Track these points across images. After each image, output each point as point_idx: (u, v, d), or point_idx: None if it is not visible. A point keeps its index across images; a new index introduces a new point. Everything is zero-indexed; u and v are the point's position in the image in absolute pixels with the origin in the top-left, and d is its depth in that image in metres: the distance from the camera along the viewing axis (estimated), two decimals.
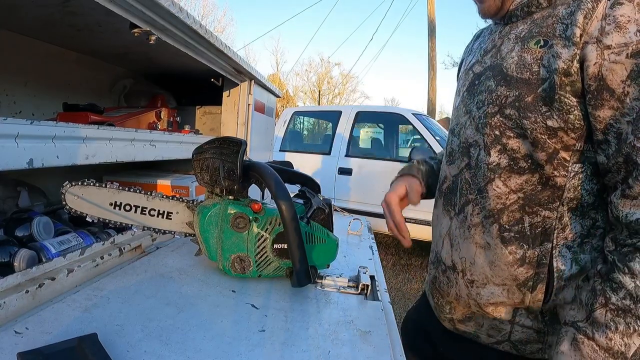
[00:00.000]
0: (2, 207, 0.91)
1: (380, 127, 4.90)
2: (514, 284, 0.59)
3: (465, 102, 0.66)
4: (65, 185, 0.60)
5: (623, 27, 0.48)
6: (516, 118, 0.56)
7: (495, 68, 0.61)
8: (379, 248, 3.08)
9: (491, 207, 0.60)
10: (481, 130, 0.61)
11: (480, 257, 0.62)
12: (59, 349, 0.40)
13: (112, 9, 0.72)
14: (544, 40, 0.54)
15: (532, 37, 0.57)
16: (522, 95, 0.55)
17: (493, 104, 0.59)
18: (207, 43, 1.02)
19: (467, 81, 0.67)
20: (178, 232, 0.68)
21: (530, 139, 0.55)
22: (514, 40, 0.60)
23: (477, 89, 0.63)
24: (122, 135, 0.85)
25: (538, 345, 0.60)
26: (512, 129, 0.57)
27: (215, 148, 0.65)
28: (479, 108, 0.62)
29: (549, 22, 0.55)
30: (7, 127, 0.57)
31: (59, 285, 0.56)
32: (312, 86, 23.29)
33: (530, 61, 0.55)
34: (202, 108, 1.58)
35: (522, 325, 0.60)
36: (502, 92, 0.58)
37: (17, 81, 1.04)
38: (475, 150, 0.62)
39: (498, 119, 0.58)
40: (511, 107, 0.56)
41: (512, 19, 0.63)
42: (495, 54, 0.62)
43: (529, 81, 0.55)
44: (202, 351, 0.44)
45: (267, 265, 0.63)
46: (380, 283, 0.71)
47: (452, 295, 0.68)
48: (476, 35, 0.78)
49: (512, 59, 0.58)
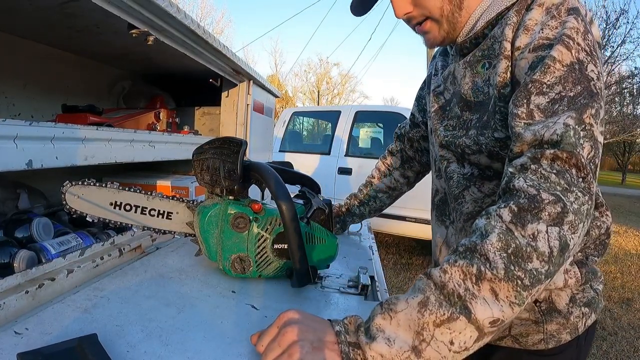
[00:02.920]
0: (2, 209, 0.91)
1: (379, 126, 4.90)
2: None
3: (433, 122, 0.70)
4: (65, 185, 0.60)
5: (530, 29, 0.52)
6: (474, 136, 0.59)
7: (456, 95, 0.65)
8: (379, 248, 3.08)
9: (469, 211, 0.64)
10: (447, 147, 0.66)
11: None
12: (59, 349, 0.40)
13: (111, 10, 0.72)
14: (488, 62, 0.57)
15: (477, 61, 0.60)
16: (481, 117, 0.59)
17: (462, 127, 0.63)
18: (206, 43, 1.02)
19: (435, 104, 0.71)
20: (178, 232, 0.68)
21: (486, 152, 0.58)
22: (463, 65, 0.63)
23: (448, 114, 0.67)
24: (121, 136, 0.85)
25: (539, 335, 0.61)
26: (469, 146, 0.60)
27: (216, 148, 0.65)
28: (447, 130, 0.66)
29: (488, 44, 0.58)
30: (6, 129, 0.57)
31: (59, 285, 0.56)
32: (311, 86, 23.30)
33: (481, 84, 0.59)
34: (201, 109, 1.57)
35: (520, 317, 0.61)
36: (467, 116, 0.62)
37: (16, 83, 1.04)
38: (443, 164, 0.68)
39: (462, 140, 0.62)
40: (474, 128, 0.60)
41: (463, 50, 0.64)
42: (453, 80, 0.66)
43: (484, 102, 0.59)
44: (202, 352, 0.44)
45: (267, 266, 0.63)
46: (380, 283, 0.70)
47: None
48: (440, 51, 0.78)
49: (467, 85, 0.62)
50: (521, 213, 0.41)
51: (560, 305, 0.61)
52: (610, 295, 3.16)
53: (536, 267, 0.40)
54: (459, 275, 0.41)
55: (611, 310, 2.86)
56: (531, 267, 0.40)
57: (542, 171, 0.43)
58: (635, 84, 12.34)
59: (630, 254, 4.60)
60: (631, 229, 6.28)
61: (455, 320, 0.39)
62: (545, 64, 0.47)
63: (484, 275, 0.40)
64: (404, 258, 3.78)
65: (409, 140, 0.93)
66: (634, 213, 8.52)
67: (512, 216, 0.42)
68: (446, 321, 0.39)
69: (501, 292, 0.40)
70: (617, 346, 2.34)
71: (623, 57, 11.52)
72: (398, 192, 0.96)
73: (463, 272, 0.41)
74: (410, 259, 3.74)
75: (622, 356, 2.24)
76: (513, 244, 0.40)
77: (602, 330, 2.53)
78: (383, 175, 0.96)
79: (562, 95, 0.46)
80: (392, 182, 0.95)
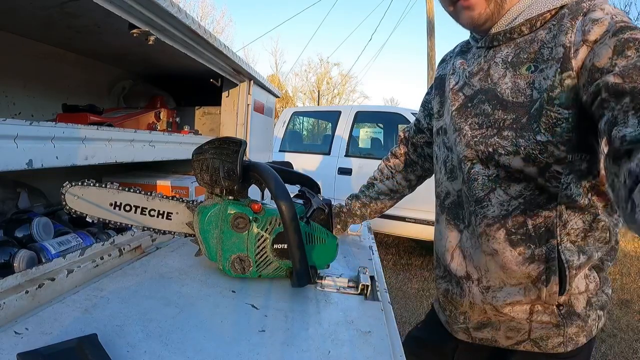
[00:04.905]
0: (2, 208, 0.91)
1: (379, 126, 4.91)
2: (529, 281, 0.62)
3: (454, 121, 0.68)
4: (65, 186, 0.60)
5: (600, 22, 0.53)
6: (512, 138, 0.59)
7: (488, 92, 0.63)
8: (379, 248, 3.08)
9: (495, 215, 0.63)
10: (474, 147, 0.63)
11: (491, 263, 0.64)
12: (59, 349, 0.40)
13: (111, 10, 0.72)
14: (534, 65, 0.58)
15: (521, 63, 0.60)
16: (518, 117, 0.59)
17: (492, 126, 0.61)
18: (206, 43, 1.02)
19: (457, 102, 0.68)
20: (178, 233, 0.68)
21: (523, 154, 0.58)
22: (502, 64, 0.62)
23: (472, 111, 0.65)
24: (121, 136, 0.85)
25: (559, 339, 0.63)
26: (504, 147, 0.60)
27: (215, 148, 0.65)
28: (474, 129, 0.64)
29: (535, 47, 0.58)
30: (6, 128, 0.57)
31: (59, 285, 0.56)
32: (311, 86, 23.30)
33: (524, 86, 0.59)
34: (201, 108, 1.58)
35: (540, 321, 0.63)
36: (500, 115, 0.61)
37: (16, 83, 1.04)
38: (466, 165, 0.65)
39: (495, 140, 0.61)
40: (509, 129, 0.59)
41: (493, 42, 0.64)
42: (485, 77, 0.64)
43: (524, 104, 0.58)
44: (202, 351, 0.44)
45: (267, 266, 0.63)
46: (380, 283, 0.70)
47: (465, 305, 0.69)
48: (456, 52, 0.78)
49: (506, 85, 0.61)
50: None
51: (578, 309, 0.62)
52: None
53: None
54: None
55: (610, 312, 2.87)
56: None
57: None
58: None
59: (630, 256, 4.61)
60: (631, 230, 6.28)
61: None
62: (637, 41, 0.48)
63: None
64: (403, 258, 3.78)
65: (413, 145, 0.93)
66: None
67: None
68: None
69: None
70: (616, 348, 2.34)
71: None
72: (400, 194, 0.96)
73: None
74: (409, 260, 3.74)
75: (620, 358, 2.24)
76: None
77: (600, 332, 2.53)
78: (385, 177, 0.95)
79: None
80: (395, 185, 0.95)
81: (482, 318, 0.68)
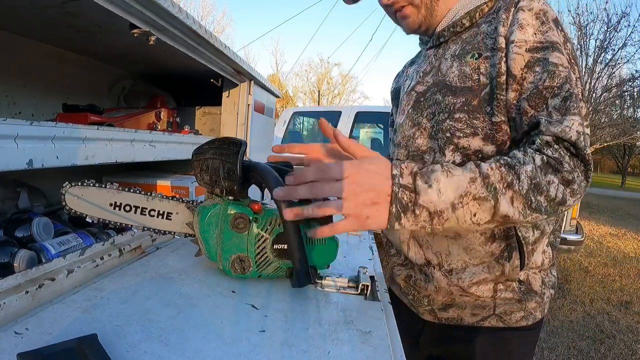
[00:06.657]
0: (2, 208, 0.91)
1: (380, 127, 4.90)
2: (492, 259, 0.67)
3: (411, 117, 0.74)
4: (65, 186, 0.60)
5: (524, 28, 0.60)
6: (466, 120, 0.65)
7: (439, 84, 0.70)
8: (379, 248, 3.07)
9: None
10: (434, 136, 0.69)
11: (454, 246, 0.68)
12: (59, 349, 0.40)
13: (112, 10, 0.72)
14: (478, 53, 0.65)
15: (467, 53, 0.67)
16: (468, 100, 0.65)
17: (443, 112, 0.67)
18: (207, 43, 1.02)
19: (411, 100, 0.75)
20: (178, 233, 0.68)
21: (481, 135, 0.64)
22: (450, 58, 0.69)
23: (425, 104, 0.71)
24: (121, 136, 0.85)
25: (521, 313, 0.69)
26: (461, 129, 0.65)
27: (215, 148, 0.65)
28: (430, 119, 0.70)
29: (479, 39, 0.66)
30: (6, 128, 0.57)
31: (59, 285, 0.56)
32: (311, 86, 23.31)
33: (470, 72, 0.65)
34: (201, 108, 1.58)
35: (504, 298, 0.68)
36: (450, 100, 0.67)
37: (16, 82, 1.04)
38: (430, 155, 0.70)
39: (448, 123, 0.66)
40: (460, 112, 0.65)
41: (440, 39, 0.72)
42: (436, 73, 0.72)
43: (472, 88, 0.65)
44: (202, 352, 0.44)
45: (267, 266, 0.63)
46: (380, 283, 0.70)
47: (430, 289, 0.73)
48: (408, 63, 0.89)
49: (453, 73, 0.68)
50: (548, 164, 0.53)
51: (535, 287, 0.69)
52: (609, 298, 3.16)
53: (541, 201, 0.52)
54: (499, 176, 0.52)
55: (609, 313, 2.87)
56: (540, 198, 0.52)
57: (562, 152, 0.54)
58: (636, 87, 12.33)
59: (629, 257, 4.61)
60: (630, 232, 6.29)
61: (486, 200, 0.51)
62: (551, 71, 0.57)
63: (512, 186, 0.51)
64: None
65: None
66: (633, 216, 8.53)
67: (542, 163, 0.53)
68: (480, 198, 0.51)
69: (516, 202, 0.51)
70: (615, 349, 2.34)
71: (624, 60, 11.53)
72: None
73: (502, 176, 0.52)
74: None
75: (620, 359, 2.24)
76: (536, 179, 0.52)
77: (600, 333, 2.53)
78: None
79: (570, 92, 0.56)
80: None
81: (447, 299, 0.72)
